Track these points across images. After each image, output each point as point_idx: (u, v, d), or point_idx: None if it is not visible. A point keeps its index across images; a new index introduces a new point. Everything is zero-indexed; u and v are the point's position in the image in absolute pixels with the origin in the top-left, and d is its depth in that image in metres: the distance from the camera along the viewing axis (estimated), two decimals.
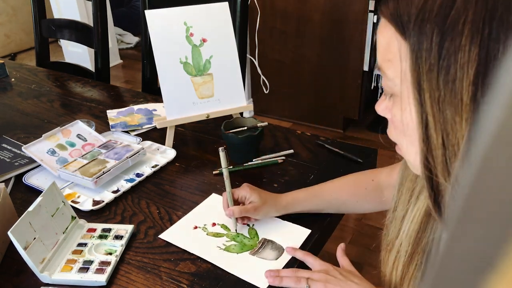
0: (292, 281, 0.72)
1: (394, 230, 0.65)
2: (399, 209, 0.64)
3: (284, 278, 0.73)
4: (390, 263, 0.65)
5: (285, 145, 1.14)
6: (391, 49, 0.47)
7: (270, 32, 2.56)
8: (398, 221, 0.64)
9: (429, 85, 0.42)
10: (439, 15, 0.41)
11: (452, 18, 0.40)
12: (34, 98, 1.48)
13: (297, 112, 2.72)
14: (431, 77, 0.42)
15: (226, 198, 0.86)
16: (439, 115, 0.43)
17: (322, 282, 0.71)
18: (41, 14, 1.82)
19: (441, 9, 0.41)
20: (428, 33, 0.42)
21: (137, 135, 1.21)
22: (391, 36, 0.47)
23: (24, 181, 1.02)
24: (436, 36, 0.41)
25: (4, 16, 3.94)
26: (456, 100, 0.41)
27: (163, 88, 1.08)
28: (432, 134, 0.44)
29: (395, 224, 0.65)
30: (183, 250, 0.82)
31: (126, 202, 0.96)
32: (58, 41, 3.94)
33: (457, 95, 0.41)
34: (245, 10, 1.46)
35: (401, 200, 0.64)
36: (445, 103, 0.42)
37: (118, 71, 3.70)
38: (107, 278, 0.76)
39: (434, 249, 0.59)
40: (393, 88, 0.49)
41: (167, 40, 1.08)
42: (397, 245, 0.63)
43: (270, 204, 0.85)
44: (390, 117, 0.53)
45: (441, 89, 0.42)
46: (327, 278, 0.71)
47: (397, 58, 0.46)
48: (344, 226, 1.91)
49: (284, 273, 0.74)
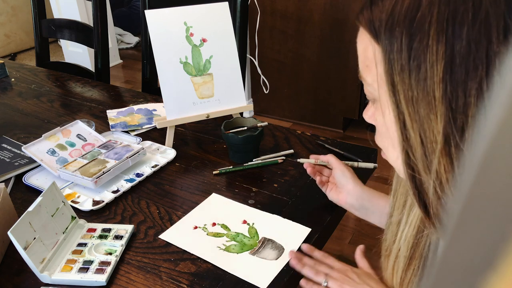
0: (311, 272, 0.74)
1: (391, 235, 0.65)
2: (395, 214, 0.65)
3: (305, 266, 0.75)
4: (389, 268, 0.66)
5: (285, 145, 1.14)
6: (368, 55, 0.49)
7: (270, 32, 2.56)
8: (394, 226, 0.64)
9: (403, 86, 0.44)
10: (406, 18, 0.43)
11: (419, 20, 0.42)
12: (34, 98, 1.48)
13: (297, 112, 2.72)
14: (404, 77, 0.44)
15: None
16: (414, 114, 0.44)
17: (339, 281, 0.72)
18: (41, 14, 1.82)
19: (408, 12, 0.43)
20: (398, 36, 0.44)
21: (137, 135, 1.21)
22: (367, 42, 0.48)
23: (24, 181, 1.02)
24: (405, 38, 0.43)
25: (4, 16, 3.94)
26: (429, 98, 0.43)
27: (163, 88, 1.08)
28: (410, 133, 0.45)
29: (391, 229, 0.66)
30: (183, 250, 0.82)
31: (126, 202, 0.96)
32: (58, 41, 3.94)
33: (429, 93, 0.42)
34: (245, 10, 1.46)
35: (396, 205, 0.64)
36: (418, 102, 0.43)
37: (118, 71, 3.70)
38: (107, 278, 0.76)
39: (431, 251, 0.59)
40: (373, 93, 0.51)
41: (167, 40, 1.08)
42: (395, 250, 0.64)
43: (356, 183, 0.84)
44: (375, 123, 0.54)
45: (414, 89, 0.43)
46: (344, 279, 0.72)
47: (373, 63, 0.48)
48: (344, 226, 1.91)
49: (307, 260, 0.77)
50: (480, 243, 0.15)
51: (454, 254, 0.16)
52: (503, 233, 0.14)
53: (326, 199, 0.92)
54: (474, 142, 0.15)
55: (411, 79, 0.43)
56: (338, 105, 2.56)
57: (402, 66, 0.43)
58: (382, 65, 0.46)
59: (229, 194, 0.97)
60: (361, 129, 2.64)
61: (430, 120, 0.43)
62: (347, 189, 0.84)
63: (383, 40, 0.45)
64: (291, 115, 2.75)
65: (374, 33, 0.47)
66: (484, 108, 0.36)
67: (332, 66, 2.48)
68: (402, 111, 0.45)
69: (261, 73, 2.58)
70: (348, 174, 0.85)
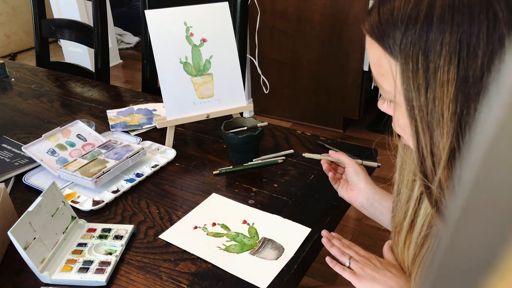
0: (338, 252, 0.78)
1: (401, 212, 0.67)
2: (403, 192, 0.67)
3: (334, 247, 0.78)
4: (400, 243, 0.69)
5: (285, 145, 1.14)
6: (383, 65, 0.51)
7: (270, 32, 2.56)
8: (403, 203, 0.67)
9: (418, 103, 0.47)
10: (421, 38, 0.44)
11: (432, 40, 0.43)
12: (34, 98, 1.48)
13: (297, 112, 2.72)
14: (420, 94, 0.46)
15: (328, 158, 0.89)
16: (427, 129, 0.47)
17: (361, 264, 0.75)
18: (41, 14, 1.82)
19: (421, 32, 0.44)
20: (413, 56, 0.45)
21: (137, 135, 1.21)
22: (381, 54, 0.50)
23: (24, 181, 1.02)
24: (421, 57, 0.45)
25: (4, 16, 3.94)
26: (438, 116, 0.45)
27: (163, 88, 1.08)
28: (422, 145, 0.49)
29: (400, 206, 0.68)
30: (183, 250, 0.82)
31: (126, 202, 0.96)
32: (58, 41, 3.94)
33: (439, 111, 0.45)
34: (245, 10, 1.46)
35: (404, 183, 0.67)
36: (431, 118, 0.46)
37: (118, 71, 3.70)
38: (107, 278, 0.76)
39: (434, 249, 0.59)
40: (391, 98, 0.53)
41: (167, 40, 1.08)
42: (406, 226, 0.66)
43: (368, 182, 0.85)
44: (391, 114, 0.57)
45: (428, 106, 0.46)
46: (366, 263, 0.75)
47: (389, 74, 0.50)
48: (344, 226, 1.91)
49: (336, 242, 0.80)
50: (480, 243, 0.15)
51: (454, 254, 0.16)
52: (503, 233, 0.14)
53: (326, 199, 0.92)
54: (475, 142, 0.15)
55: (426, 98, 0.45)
56: (338, 105, 2.56)
57: (419, 86, 0.46)
58: (399, 81, 0.48)
59: (229, 194, 0.97)
60: (361, 129, 2.64)
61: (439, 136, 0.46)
62: (359, 188, 0.85)
63: (397, 57, 0.47)
64: (291, 115, 2.75)
65: (388, 49, 0.48)
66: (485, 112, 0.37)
67: (332, 66, 2.48)
68: (417, 125, 0.48)
69: (261, 73, 2.58)
70: (362, 173, 0.85)
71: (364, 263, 0.75)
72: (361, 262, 0.75)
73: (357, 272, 0.73)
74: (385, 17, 0.47)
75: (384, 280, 0.70)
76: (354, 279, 0.73)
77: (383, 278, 0.71)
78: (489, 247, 0.14)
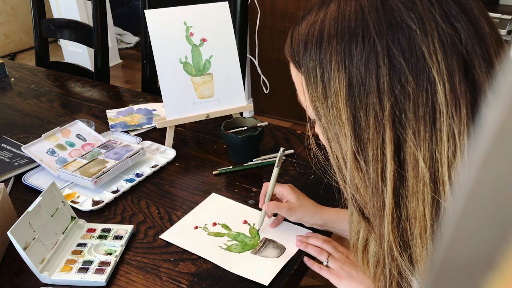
0: (315, 251, 0.78)
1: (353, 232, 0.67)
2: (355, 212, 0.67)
3: (310, 245, 0.79)
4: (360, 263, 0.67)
5: (285, 145, 1.14)
6: (298, 81, 0.56)
7: (270, 32, 2.56)
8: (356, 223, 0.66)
9: (323, 110, 0.51)
10: (317, 51, 0.50)
11: (324, 52, 0.49)
12: (34, 98, 1.48)
13: (297, 112, 2.72)
14: (322, 103, 0.51)
15: (265, 192, 0.87)
16: (332, 134, 0.52)
17: (340, 262, 0.75)
18: (41, 14, 1.82)
19: (316, 46, 0.50)
20: (311, 68, 0.51)
21: (137, 135, 1.21)
22: (297, 72, 0.56)
23: (24, 181, 1.02)
24: (317, 69, 0.50)
25: (4, 16, 3.94)
26: (338, 120, 0.50)
27: (163, 88, 1.08)
28: (331, 150, 0.54)
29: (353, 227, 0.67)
30: (183, 250, 0.82)
31: (126, 202, 0.96)
32: (58, 41, 3.94)
33: (339, 116, 0.50)
34: (245, 10, 1.46)
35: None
36: (332, 123, 0.51)
37: (118, 71, 3.70)
38: (107, 278, 0.76)
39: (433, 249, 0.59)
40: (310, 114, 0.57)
41: (167, 40, 1.08)
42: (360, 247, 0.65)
43: (308, 210, 0.84)
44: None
45: (329, 112, 0.51)
46: (345, 260, 0.75)
47: (301, 89, 0.56)
48: None
49: (311, 240, 0.80)
50: (480, 243, 0.15)
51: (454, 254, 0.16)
52: (503, 233, 0.14)
53: (326, 200, 0.92)
54: (475, 142, 0.15)
55: (327, 105, 0.50)
56: None
57: (318, 95, 0.51)
58: (306, 92, 0.54)
59: (229, 194, 0.97)
60: None
61: (341, 138, 0.51)
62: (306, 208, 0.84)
63: (302, 71, 0.53)
64: (291, 115, 2.75)
65: (298, 66, 0.54)
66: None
67: None
68: (326, 132, 0.53)
69: (261, 73, 2.58)
70: (301, 194, 0.86)
71: (343, 260, 0.75)
72: (339, 260, 0.75)
73: (335, 270, 0.74)
74: (294, 40, 0.54)
75: (362, 278, 0.71)
76: (332, 278, 0.74)
77: (361, 276, 0.72)
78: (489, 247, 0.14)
